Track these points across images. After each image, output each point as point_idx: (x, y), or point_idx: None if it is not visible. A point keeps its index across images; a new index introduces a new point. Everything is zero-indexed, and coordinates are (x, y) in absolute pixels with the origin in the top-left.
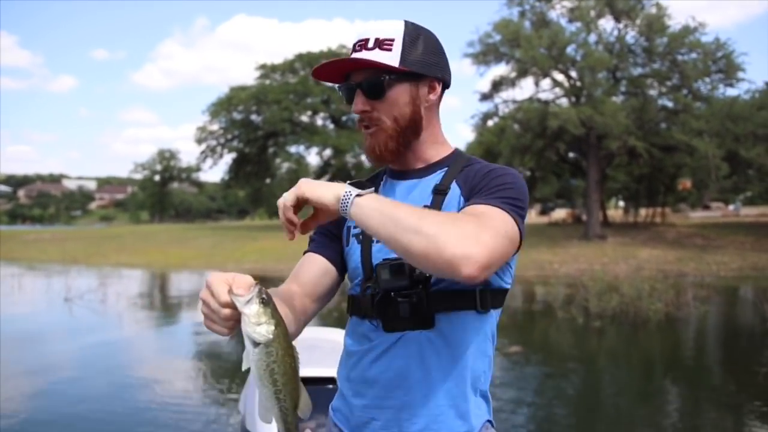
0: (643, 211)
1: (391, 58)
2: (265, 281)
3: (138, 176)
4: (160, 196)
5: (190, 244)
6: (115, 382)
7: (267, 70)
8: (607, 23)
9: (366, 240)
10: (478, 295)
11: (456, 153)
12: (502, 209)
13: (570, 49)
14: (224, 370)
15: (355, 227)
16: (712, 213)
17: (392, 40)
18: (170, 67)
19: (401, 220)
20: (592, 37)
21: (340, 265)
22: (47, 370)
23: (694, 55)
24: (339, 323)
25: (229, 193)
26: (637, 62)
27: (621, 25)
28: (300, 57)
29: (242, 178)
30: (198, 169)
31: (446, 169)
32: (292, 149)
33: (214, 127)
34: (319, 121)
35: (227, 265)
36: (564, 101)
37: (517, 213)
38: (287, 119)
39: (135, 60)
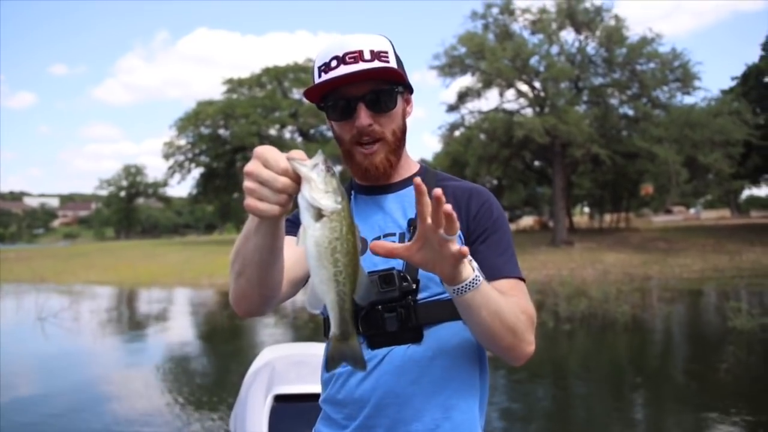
0: (608, 217)
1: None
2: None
3: (103, 192)
4: (126, 212)
5: (160, 259)
6: (95, 400)
7: (234, 85)
8: (568, 35)
9: None
10: None
11: (424, 167)
12: (522, 280)
13: (533, 61)
14: (206, 389)
15: None
16: (674, 217)
17: (386, 51)
18: (132, 81)
19: (504, 317)
20: (555, 49)
21: None
22: (18, 391)
23: (652, 65)
24: (315, 334)
25: (197, 207)
26: (598, 72)
27: (582, 37)
28: (267, 71)
29: (211, 193)
30: (165, 184)
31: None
32: None
33: (182, 142)
34: (287, 135)
35: (200, 280)
36: (528, 111)
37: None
38: (255, 133)
39: (95, 75)
